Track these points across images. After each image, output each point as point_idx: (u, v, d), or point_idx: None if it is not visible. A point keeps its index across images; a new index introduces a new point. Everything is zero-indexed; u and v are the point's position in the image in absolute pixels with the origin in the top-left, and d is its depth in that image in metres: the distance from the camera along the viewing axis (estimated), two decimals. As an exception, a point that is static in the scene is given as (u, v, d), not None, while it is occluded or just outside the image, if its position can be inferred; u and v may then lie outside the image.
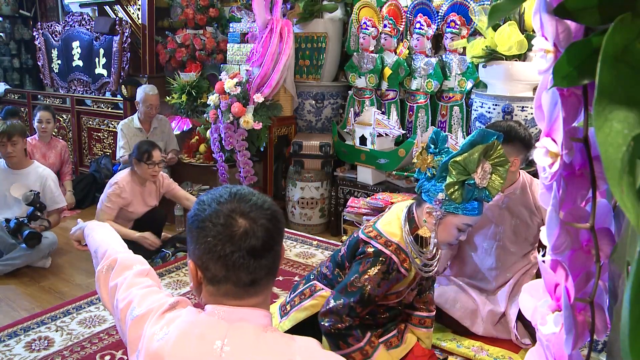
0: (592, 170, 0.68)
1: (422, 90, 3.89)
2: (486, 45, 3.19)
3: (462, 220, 1.82)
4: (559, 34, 0.66)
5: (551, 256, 0.73)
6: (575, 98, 0.68)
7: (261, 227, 1.02)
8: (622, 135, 0.52)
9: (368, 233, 1.95)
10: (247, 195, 1.07)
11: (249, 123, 3.92)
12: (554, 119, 0.69)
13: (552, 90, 0.68)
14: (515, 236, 2.52)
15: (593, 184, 0.68)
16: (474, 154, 1.71)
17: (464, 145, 1.75)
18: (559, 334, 0.71)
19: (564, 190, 0.71)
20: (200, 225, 1.03)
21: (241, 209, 1.03)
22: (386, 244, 1.89)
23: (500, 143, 1.76)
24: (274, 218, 1.05)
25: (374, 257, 1.88)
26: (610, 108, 0.54)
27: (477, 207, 1.80)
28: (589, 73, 0.62)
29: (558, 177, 0.70)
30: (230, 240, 1.00)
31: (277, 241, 1.06)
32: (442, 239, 1.89)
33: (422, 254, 1.94)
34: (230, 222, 1.01)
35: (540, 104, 0.73)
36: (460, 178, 1.73)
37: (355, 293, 1.87)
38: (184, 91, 4.63)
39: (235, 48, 4.49)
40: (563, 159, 0.68)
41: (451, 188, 1.75)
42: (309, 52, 4.29)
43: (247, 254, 1.00)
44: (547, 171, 0.70)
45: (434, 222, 1.85)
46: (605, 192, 0.75)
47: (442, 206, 1.82)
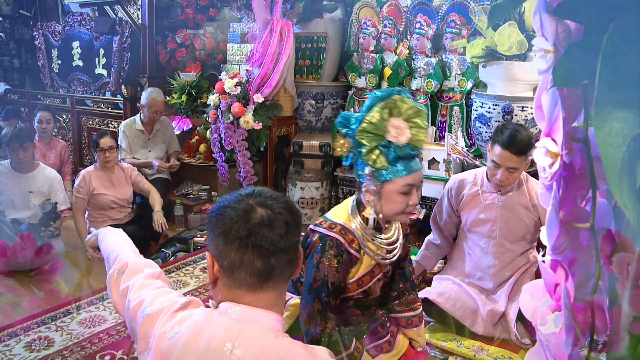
0: (592, 170, 0.68)
1: (422, 90, 3.89)
2: (486, 45, 3.19)
3: (399, 183, 1.73)
4: (559, 34, 0.66)
5: (551, 256, 0.73)
6: (575, 98, 0.68)
7: (279, 216, 1.04)
8: (622, 135, 0.52)
9: (315, 222, 1.89)
10: (266, 191, 1.11)
11: (249, 123, 3.92)
12: (554, 119, 0.69)
13: (552, 90, 0.68)
14: (512, 234, 2.53)
15: (593, 184, 0.68)
16: (375, 116, 1.66)
17: (361, 112, 1.70)
18: (559, 334, 0.71)
19: (564, 190, 0.71)
20: (220, 212, 1.06)
21: (261, 201, 1.06)
22: (330, 226, 1.81)
23: (403, 97, 1.70)
24: (292, 210, 1.08)
25: (321, 244, 1.79)
26: (610, 108, 0.54)
27: (406, 165, 1.72)
28: (589, 73, 0.62)
29: (558, 177, 0.70)
30: (247, 223, 1.02)
31: (294, 233, 1.07)
32: (392, 211, 1.79)
33: (375, 238, 1.85)
34: (250, 210, 1.04)
35: (540, 104, 0.73)
36: (373, 143, 1.69)
37: (322, 287, 1.77)
38: (184, 91, 4.63)
39: (235, 48, 4.49)
40: (563, 159, 0.68)
41: (370, 156, 1.70)
42: (309, 52, 4.28)
43: (263, 239, 1.01)
44: (547, 171, 0.70)
45: (374, 198, 1.77)
46: (605, 192, 0.75)
47: (374, 179, 1.74)
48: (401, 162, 1.72)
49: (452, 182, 2.68)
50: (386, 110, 1.68)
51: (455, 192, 2.65)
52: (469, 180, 2.62)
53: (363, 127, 1.68)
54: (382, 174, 1.72)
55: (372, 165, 1.71)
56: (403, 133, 1.68)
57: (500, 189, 2.50)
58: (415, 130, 1.71)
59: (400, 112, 1.70)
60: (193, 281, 3.21)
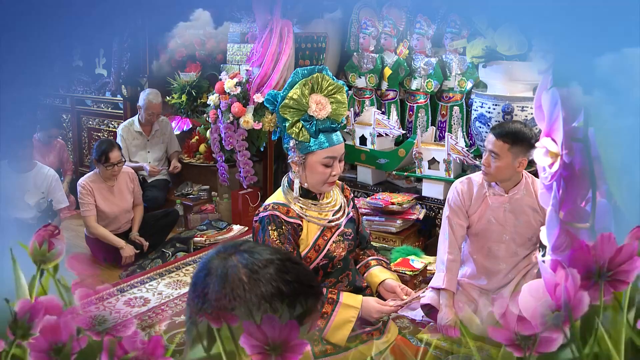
0: (592, 170, 0.68)
1: (422, 90, 3.89)
2: (486, 45, 3.19)
3: (321, 155, 1.82)
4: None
5: (551, 256, 0.73)
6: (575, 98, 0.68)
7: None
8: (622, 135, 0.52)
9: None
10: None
11: (249, 123, 3.92)
12: (554, 119, 0.69)
13: (552, 90, 0.68)
14: (520, 237, 2.50)
15: (593, 184, 0.68)
16: (296, 92, 1.78)
17: (284, 89, 1.83)
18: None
19: (564, 190, 0.71)
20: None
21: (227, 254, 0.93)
22: (265, 208, 1.89)
23: (324, 75, 1.82)
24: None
25: (261, 227, 1.85)
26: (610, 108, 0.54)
27: (328, 137, 1.83)
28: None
29: (558, 177, 0.70)
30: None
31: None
32: (316, 181, 1.87)
33: (314, 205, 1.91)
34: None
35: (540, 104, 0.73)
36: (295, 118, 1.80)
37: None
38: (184, 91, 4.63)
39: (235, 48, 4.49)
40: (563, 159, 0.68)
41: (293, 129, 1.80)
42: (309, 52, 4.28)
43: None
44: (547, 171, 0.70)
45: (298, 169, 1.87)
46: (605, 192, 0.75)
47: (298, 151, 1.84)
48: (323, 135, 1.83)
49: (460, 185, 2.56)
50: (307, 86, 1.81)
51: (466, 193, 2.52)
52: (477, 180, 2.55)
53: (285, 103, 1.81)
54: (305, 146, 1.83)
55: (296, 138, 1.82)
56: (324, 108, 1.81)
57: (485, 178, 2.45)
58: (335, 106, 1.84)
59: (321, 88, 1.82)
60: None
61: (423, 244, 3.65)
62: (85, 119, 5.48)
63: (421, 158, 3.58)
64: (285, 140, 1.89)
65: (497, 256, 2.53)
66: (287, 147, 1.89)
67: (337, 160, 1.86)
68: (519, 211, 2.47)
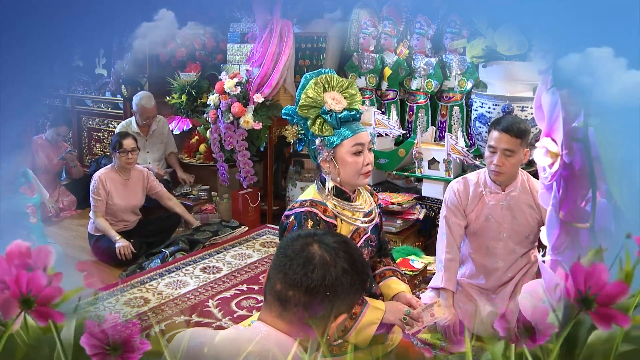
0: (592, 170, 0.68)
1: (422, 90, 3.89)
2: (486, 45, 3.19)
3: (348, 145, 1.84)
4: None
5: (551, 256, 0.73)
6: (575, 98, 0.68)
7: (330, 267, 1.06)
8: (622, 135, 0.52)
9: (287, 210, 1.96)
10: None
11: (249, 123, 3.92)
12: (554, 119, 0.69)
13: (552, 90, 0.68)
14: (517, 235, 2.51)
15: (593, 184, 0.68)
16: (310, 92, 1.83)
17: (298, 93, 1.88)
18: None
19: (564, 190, 0.71)
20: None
21: (324, 241, 1.09)
22: (301, 204, 1.88)
23: (332, 74, 1.87)
24: (356, 274, 1.10)
25: (297, 221, 1.84)
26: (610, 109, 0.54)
27: (350, 127, 1.86)
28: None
29: (558, 177, 0.70)
30: (300, 251, 1.07)
31: (331, 296, 1.06)
32: (350, 173, 1.87)
33: (348, 205, 1.92)
34: (307, 245, 1.09)
35: (540, 104, 0.73)
36: (314, 114, 1.85)
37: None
38: (184, 91, 4.63)
39: (235, 48, 4.49)
40: (563, 159, 0.68)
41: (315, 126, 1.85)
42: (309, 52, 4.28)
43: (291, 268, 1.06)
44: (547, 171, 0.70)
45: (329, 166, 1.88)
46: (605, 192, 0.75)
47: (326, 147, 1.86)
48: (345, 126, 1.86)
49: (456, 184, 2.56)
50: (319, 86, 1.85)
51: (463, 193, 2.54)
52: (473, 179, 2.57)
53: (302, 104, 1.85)
54: (330, 141, 1.86)
55: (320, 134, 1.85)
56: (339, 102, 1.85)
57: (497, 178, 2.44)
58: (350, 99, 1.88)
59: (333, 86, 1.87)
60: (193, 281, 3.21)
61: (423, 244, 3.65)
62: (85, 119, 5.48)
63: (421, 158, 3.58)
64: (311, 143, 1.91)
65: (495, 254, 2.54)
66: (314, 149, 1.91)
67: (365, 148, 1.88)
68: (515, 208, 2.48)
